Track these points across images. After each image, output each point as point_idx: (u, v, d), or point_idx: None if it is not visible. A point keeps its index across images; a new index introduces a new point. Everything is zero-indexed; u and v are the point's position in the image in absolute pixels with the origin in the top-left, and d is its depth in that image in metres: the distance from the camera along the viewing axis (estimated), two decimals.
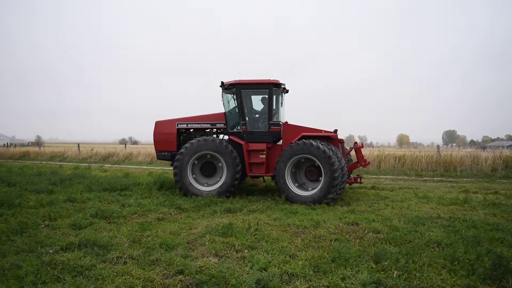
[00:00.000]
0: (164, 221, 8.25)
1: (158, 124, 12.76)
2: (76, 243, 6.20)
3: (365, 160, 12.00)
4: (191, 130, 12.85)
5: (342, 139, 11.84)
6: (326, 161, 10.37)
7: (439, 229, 7.32)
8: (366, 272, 5.12)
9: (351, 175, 12.42)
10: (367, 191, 12.84)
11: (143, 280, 4.90)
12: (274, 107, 11.72)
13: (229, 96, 12.25)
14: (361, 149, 12.09)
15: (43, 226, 7.60)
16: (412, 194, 11.98)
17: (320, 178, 10.62)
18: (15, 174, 16.64)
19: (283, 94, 12.34)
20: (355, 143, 12.18)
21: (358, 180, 12.11)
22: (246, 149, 11.56)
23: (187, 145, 11.52)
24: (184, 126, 12.58)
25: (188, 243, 6.53)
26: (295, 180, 11.06)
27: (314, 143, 10.55)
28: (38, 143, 76.33)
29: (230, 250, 6.11)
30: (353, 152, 12.48)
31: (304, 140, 10.82)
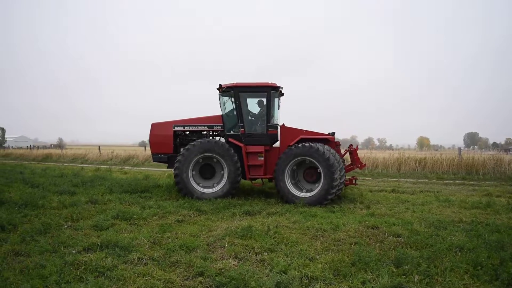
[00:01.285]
0: (184, 223, 8.31)
1: (154, 126, 12.69)
2: (98, 244, 6.29)
3: (361, 162, 12.32)
4: (187, 132, 12.80)
5: (338, 142, 12.19)
6: (326, 163, 10.55)
7: (461, 233, 7.20)
8: (387, 276, 5.07)
9: (347, 177, 12.49)
10: (387, 195, 12.71)
11: (164, 281, 4.95)
12: (272, 110, 11.86)
13: (226, 98, 12.31)
14: (357, 152, 12.39)
15: (66, 226, 7.73)
16: (433, 198, 11.82)
17: (319, 180, 10.81)
18: (38, 176, 16.97)
19: (279, 97, 12.46)
20: (350, 145, 12.50)
21: (354, 181, 12.41)
22: (245, 151, 11.61)
23: (188, 146, 11.47)
24: (181, 128, 12.57)
25: (207, 245, 6.57)
26: (293, 182, 11.21)
27: (314, 145, 10.77)
28: (60, 145, 77.67)
29: (249, 253, 6.13)
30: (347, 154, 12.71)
31: (304, 143, 11.02)
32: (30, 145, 68.89)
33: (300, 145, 10.95)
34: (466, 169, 19.70)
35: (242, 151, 11.58)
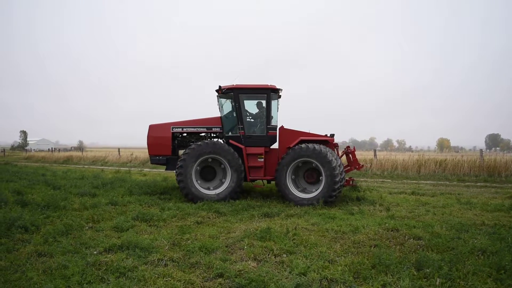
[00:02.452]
0: (203, 224, 8.36)
1: (152, 128, 12.56)
2: (118, 245, 6.36)
3: (359, 163, 12.49)
4: (184, 134, 12.74)
5: (337, 143, 12.26)
6: (327, 165, 10.71)
7: (483, 236, 7.07)
8: (407, 279, 5.02)
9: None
10: (407, 197, 12.56)
11: (184, 282, 4.99)
12: (271, 112, 11.90)
13: (225, 100, 12.31)
14: (355, 153, 12.59)
15: (87, 228, 7.85)
16: (454, 200, 11.64)
17: (319, 181, 11.03)
18: (59, 178, 17.26)
19: (278, 99, 12.45)
20: (347, 147, 12.65)
21: (351, 182, 12.63)
22: (245, 153, 11.61)
23: (191, 148, 11.34)
24: (179, 130, 12.49)
25: (227, 246, 6.59)
26: (294, 183, 11.31)
27: (316, 147, 10.92)
28: (80, 148, 78.79)
29: (268, 254, 6.12)
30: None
31: (307, 144, 11.14)
32: (51, 148, 70.08)
33: (302, 146, 11.08)
34: (488, 171, 19.33)
35: (243, 153, 11.59)
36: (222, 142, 11.87)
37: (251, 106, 12.16)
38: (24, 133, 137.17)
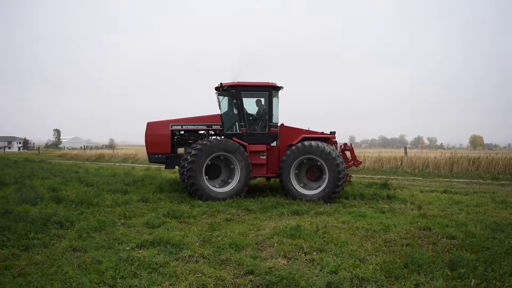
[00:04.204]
0: (233, 221, 8.40)
1: (150, 126, 12.30)
2: (150, 241, 6.47)
3: (358, 160, 12.76)
4: (182, 132, 12.56)
5: (336, 141, 12.37)
6: (331, 162, 10.98)
7: None
8: (441, 279, 4.92)
9: None
10: (439, 195, 12.30)
11: (215, 278, 5.02)
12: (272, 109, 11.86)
13: (226, 97, 12.24)
14: (353, 150, 12.86)
15: (119, 224, 8.01)
16: (489, 199, 11.34)
17: (321, 177, 11.38)
18: (92, 175, 17.65)
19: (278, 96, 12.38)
20: (345, 144, 12.93)
21: (348, 179, 12.64)
22: (249, 150, 11.55)
23: (204, 144, 11.11)
24: (179, 127, 12.32)
25: (256, 244, 6.61)
26: (297, 179, 11.44)
27: (320, 144, 11.14)
28: (111, 146, 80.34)
29: (298, 252, 6.11)
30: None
31: (311, 141, 11.28)
32: (84, 146, 71.79)
33: (306, 143, 11.21)
34: None
35: (247, 150, 11.52)
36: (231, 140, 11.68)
37: (251, 103, 12.14)
38: (57, 132, 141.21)
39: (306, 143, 11.24)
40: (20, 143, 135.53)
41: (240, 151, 11.23)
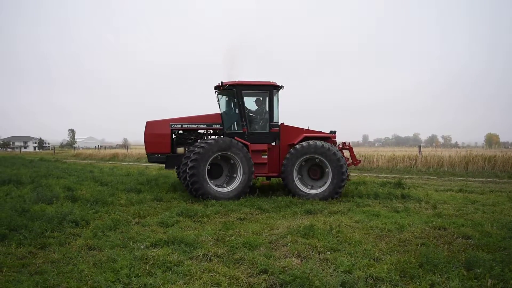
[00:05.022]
0: (246, 221, 8.41)
1: (150, 125, 12.04)
2: (164, 240, 6.50)
3: (357, 159, 12.91)
4: (180, 131, 12.40)
5: (335, 140, 12.43)
6: (335, 161, 11.18)
7: None
8: (457, 279, 4.87)
9: None
10: (454, 194, 12.16)
11: (229, 277, 5.03)
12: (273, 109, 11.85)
13: (226, 96, 12.19)
14: (353, 149, 12.98)
15: (134, 223, 8.08)
16: (505, 198, 11.17)
17: (323, 177, 11.57)
18: (106, 174, 17.84)
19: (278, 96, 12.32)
20: (343, 143, 12.89)
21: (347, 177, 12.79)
22: (250, 149, 11.48)
23: (208, 143, 10.91)
24: (179, 126, 12.13)
25: (270, 243, 6.60)
26: (300, 179, 11.53)
27: (325, 144, 11.32)
28: (125, 145, 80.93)
29: (312, 252, 6.09)
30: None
31: (315, 141, 11.41)
32: (98, 146, 72.49)
33: (311, 142, 11.31)
34: None
35: (248, 150, 11.45)
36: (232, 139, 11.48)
37: (251, 102, 12.12)
38: (72, 132, 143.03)
39: (311, 142, 11.33)
40: (35, 143, 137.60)
41: (244, 150, 11.13)
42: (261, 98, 12.03)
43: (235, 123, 12.02)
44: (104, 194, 10.86)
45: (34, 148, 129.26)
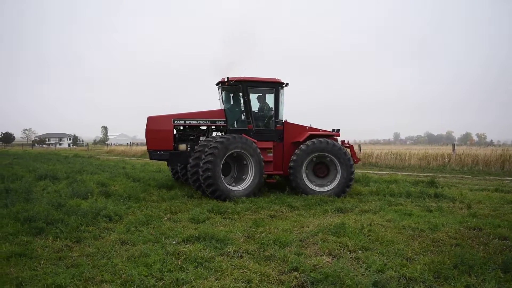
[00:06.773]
0: (276, 218, 8.42)
1: (151, 120, 11.46)
2: (196, 236, 6.57)
3: (357, 157, 13.11)
4: (182, 127, 12.01)
5: (337, 138, 12.44)
6: (345, 159, 11.37)
7: None
8: (493, 281, 4.74)
9: None
10: (490, 194, 11.82)
11: (260, 274, 5.04)
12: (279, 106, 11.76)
13: (230, 92, 12.05)
14: (353, 147, 13.12)
15: (165, 218, 8.20)
16: None
17: (329, 174, 11.66)
18: (138, 171, 18.16)
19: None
20: (342, 141, 12.73)
21: None
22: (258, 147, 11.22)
23: (220, 141, 10.46)
24: (182, 122, 11.71)
25: (300, 241, 6.58)
26: (307, 176, 11.52)
27: (335, 142, 11.53)
28: None
29: (343, 250, 6.04)
30: None
31: (326, 139, 11.49)
32: (130, 142, 73.88)
33: (322, 140, 11.39)
34: None
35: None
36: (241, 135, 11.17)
37: (255, 99, 11.99)
38: (105, 129, 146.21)
39: (322, 140, 11.38)
40: (70, 139, 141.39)
41: (254, 148, 10.93)
42: (263, 95, 11.96)
43: (240, 119, 11.88)
44: (137, 190, 11.08)
45: (69, 144, 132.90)
